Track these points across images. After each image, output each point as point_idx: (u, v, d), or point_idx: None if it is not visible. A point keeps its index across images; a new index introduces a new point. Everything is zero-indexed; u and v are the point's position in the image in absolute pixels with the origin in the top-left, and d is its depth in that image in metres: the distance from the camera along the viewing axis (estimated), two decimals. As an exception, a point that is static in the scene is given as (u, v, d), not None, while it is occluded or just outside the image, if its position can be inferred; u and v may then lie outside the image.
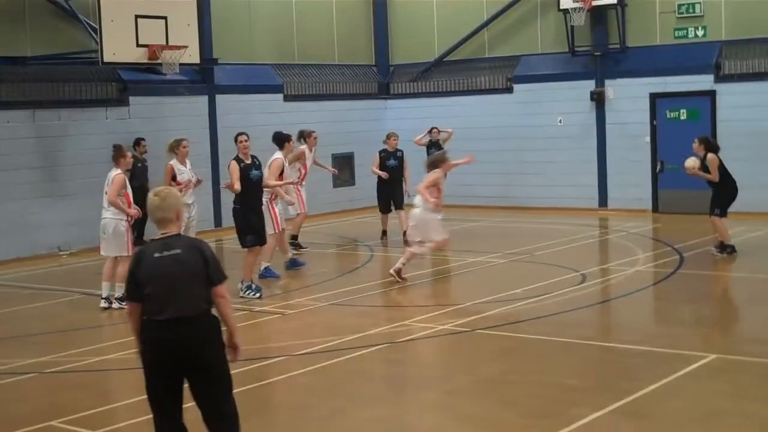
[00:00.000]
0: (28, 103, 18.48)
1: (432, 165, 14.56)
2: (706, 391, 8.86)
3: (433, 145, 20.25)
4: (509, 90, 23.77)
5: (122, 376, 10.29)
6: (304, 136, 17.54)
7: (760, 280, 14.10)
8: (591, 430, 7.92)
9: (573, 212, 21.99)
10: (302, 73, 23.79)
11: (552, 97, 23.10)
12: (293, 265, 15.82)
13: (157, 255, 6.50)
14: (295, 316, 12.60)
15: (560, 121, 22.91)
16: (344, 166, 24.03)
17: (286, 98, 23.25)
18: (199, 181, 15.70)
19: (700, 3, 21.38)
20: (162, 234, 6.61)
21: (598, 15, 22.29)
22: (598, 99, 22.42)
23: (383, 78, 25.70)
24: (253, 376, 9.79)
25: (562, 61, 23.07)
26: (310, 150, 17.53)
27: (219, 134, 21.55)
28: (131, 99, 20.07)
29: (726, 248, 15.71)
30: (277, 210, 15.03)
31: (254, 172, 13.78)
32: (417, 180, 19.56)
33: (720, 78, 21.02)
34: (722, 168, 15.75)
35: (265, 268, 14.98)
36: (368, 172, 24.29)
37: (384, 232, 18.76)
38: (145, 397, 9.23)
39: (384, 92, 25.68)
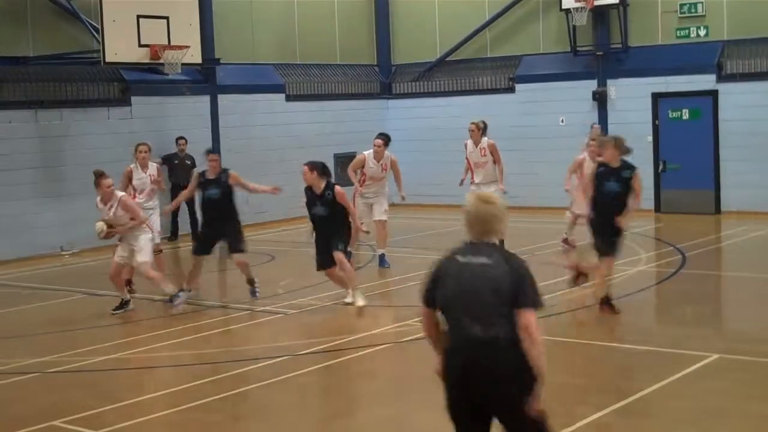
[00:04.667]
0: (30, 103, 18.49)
1: None
2: (708, 390, 8.85)
3: None
4: (511, 90, 23.77)
5: (124, 376, 10.29)
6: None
7: (762, 280, 14.09)
8: (593, 430, 7.91)
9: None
10: (304, 73, 23.78)
11: (554, 96, 23.10)
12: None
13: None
14: (297, 315, 12.59)
15: (562, 121, 22.90)
16: (346, 166, 23.99)
17: (288, 98, 23.24)
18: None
19: (701, 2, 21.37)
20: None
21: (599, 15, 22.28)
22: (600, 99, 22.41)
23: (385, 78, 25.69)
24: (255, 376, 9.80)
25: (564, 60, 23.06)
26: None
27: (221, 134, 21.57)
28: (133, 99, 20.07)
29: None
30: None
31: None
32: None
33: (722, 78, 21.01)
34: None
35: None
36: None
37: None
38: (149, 396, 9.30)
39: (386, 92, 25.67)
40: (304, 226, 18.84)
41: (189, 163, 20.10)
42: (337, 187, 12.55)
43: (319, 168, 12.54)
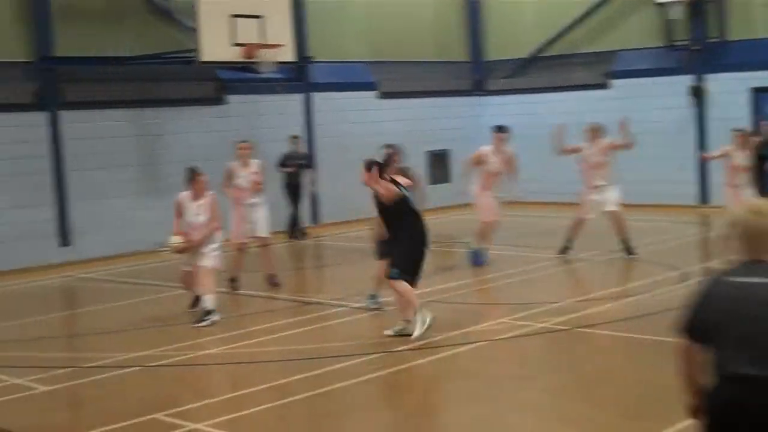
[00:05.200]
0: (128, 102, 18.88)
1: None
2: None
3: None
4: (605, 86, 23.49)
5: (223, 370, 10.43)
6: None
7: None
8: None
9: (671, 209, 21.59)
10: (396, 70, 23.81)
11: (649, 92, 22.75)
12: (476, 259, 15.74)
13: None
14: (392, 313, 12.60)
15: (658, 117, 22.55)
16: (439, 164, 24.03)
17: (380, 96, 23.33)
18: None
19: (801, -6, 20.92)
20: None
21: (696, 7, 21.88)
22: (697, 94, 22.02)
23: (478, 74, 25.60)
24: (350, 373, 9.84)
25: (660, 55, 22.71)
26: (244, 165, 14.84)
27: (314, 132, 21.74)
28: (228, 98, 20.38)
29: None
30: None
31: None
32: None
33: (824, 71, 20.53)
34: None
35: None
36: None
37: None
38: (247, 391, 9.40)
39: (479, 88, 25.59)
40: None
41: (304, 161, 20.03)
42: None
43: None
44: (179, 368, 10.41)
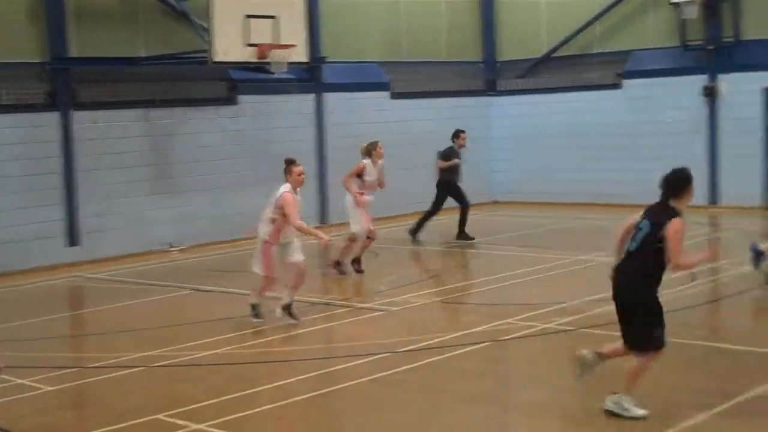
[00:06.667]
0: (141, 102, 18.92)
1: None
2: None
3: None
4: (618, 86, 23.40)
5: (228, 370, 10.43)
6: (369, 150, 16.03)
7: None
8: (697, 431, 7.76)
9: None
10: (409, 70, 23.80)
11: (663, 92, 22.67)
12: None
13: None
14: (399, 313, 12.62)
15: (670, 117, 22.46)
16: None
17: (393, 96, 23.32)
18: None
19: (816, -7, 20.79)
20: None
21: (710, 7, 21.77)
22: (711, 94, 21.92)
23: (490, 74, 25.56)
24: (356, 373, 9.84)
25: (674, 55, 22.61)
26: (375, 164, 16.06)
27: (326, 132, 21.74)
28: (240, 98, 20.39)
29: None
30: None
31: None
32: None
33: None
34: None
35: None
36: (474, 170, 24.28)
37: None
38: (251, 391, 9.43)
39: (491, 89, 25.54)
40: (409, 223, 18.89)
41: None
42: None
43: None
44: (183, 368, 10.43)
